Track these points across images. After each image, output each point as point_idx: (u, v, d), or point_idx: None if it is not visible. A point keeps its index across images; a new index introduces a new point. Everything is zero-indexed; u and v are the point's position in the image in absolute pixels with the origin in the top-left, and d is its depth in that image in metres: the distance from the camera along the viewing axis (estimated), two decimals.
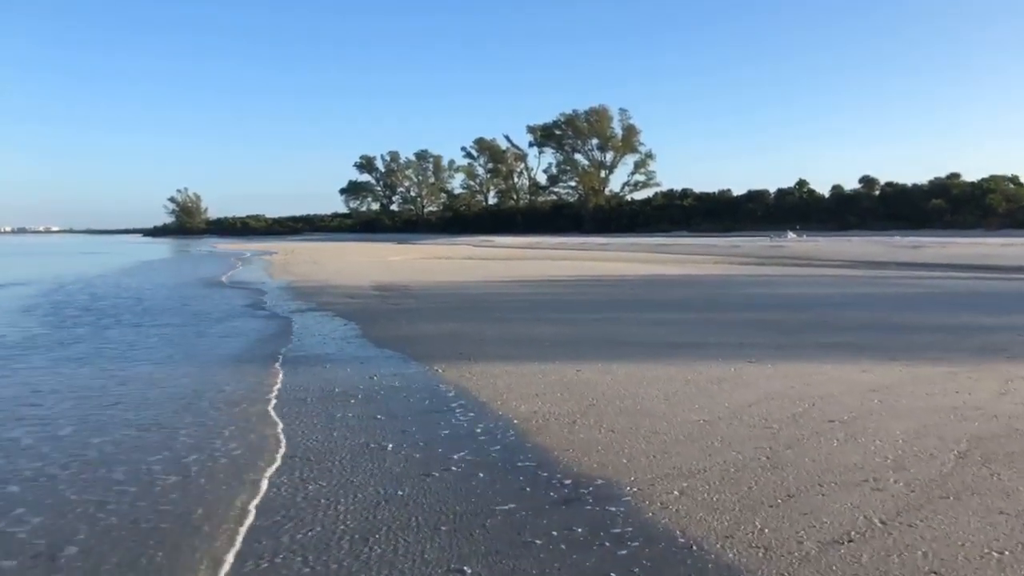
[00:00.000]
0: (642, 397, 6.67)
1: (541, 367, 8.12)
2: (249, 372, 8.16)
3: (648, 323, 11.78)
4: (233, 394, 7.07)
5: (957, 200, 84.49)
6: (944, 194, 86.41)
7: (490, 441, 5.39)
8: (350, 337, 10.70)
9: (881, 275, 23.22)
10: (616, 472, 4.66)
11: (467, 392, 6.99)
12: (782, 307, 13.94)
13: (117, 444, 5.44)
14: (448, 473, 4.70)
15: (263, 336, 10.91)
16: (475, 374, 7.82)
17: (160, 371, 8.28)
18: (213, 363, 8.81)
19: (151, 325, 12.26)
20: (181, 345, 10.23)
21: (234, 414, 6.30)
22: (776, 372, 7.69)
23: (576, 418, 5.97)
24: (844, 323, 11.53)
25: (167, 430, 5.80)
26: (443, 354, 9.08)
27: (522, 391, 6.97)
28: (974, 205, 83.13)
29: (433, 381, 7.55)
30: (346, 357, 9.07)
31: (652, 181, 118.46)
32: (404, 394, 6.97)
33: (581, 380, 7.43)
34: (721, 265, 30.11)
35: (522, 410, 6.26)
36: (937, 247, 40.76)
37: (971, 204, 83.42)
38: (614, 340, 10.02)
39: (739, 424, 5.73)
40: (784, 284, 19.92)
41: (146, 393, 7.15)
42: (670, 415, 6.03)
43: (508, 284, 20.45)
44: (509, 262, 33.79)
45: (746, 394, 6.72)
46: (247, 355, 9.32)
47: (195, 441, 5.50)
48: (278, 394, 7.03)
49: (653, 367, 8.03)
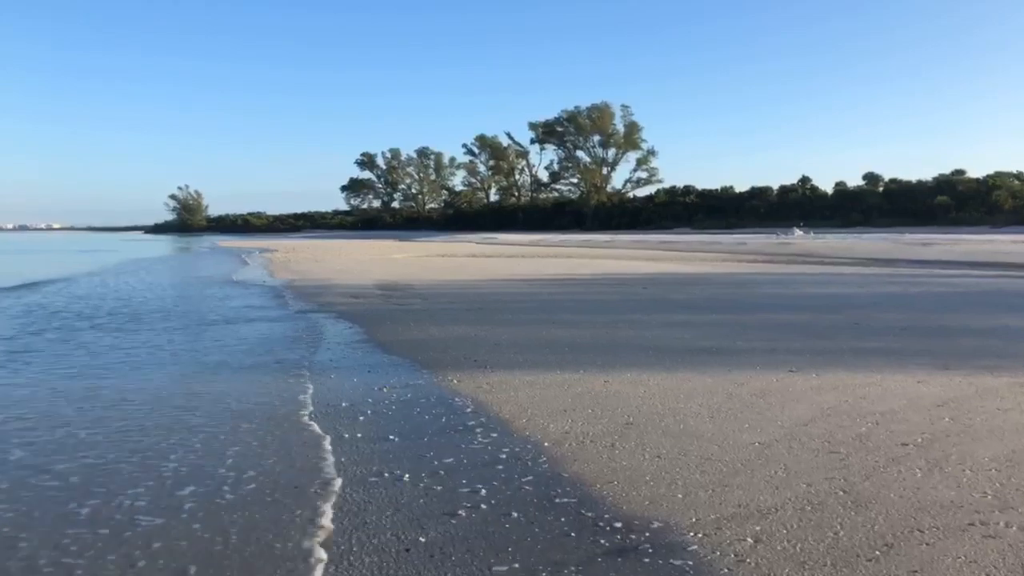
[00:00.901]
0: (683, 414, 6.00)
1: (565, 377, 7.45)
2: (243, 383, 7.48)
3: (670, 326, 11.11)
4: (221, 410, 6.39)
5: (963, 197, 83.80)
6: (950, 191, 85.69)
7: (520, 470, 4.72)
8: (355, 342, 10.03)
9: (898, 273, 22.54)
10: (673, 511, 3.99)
11: (486, 407, 6.32)
12: (807, 308, 13.26)
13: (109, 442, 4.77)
14: (476, 513, 4.03)
15: (262, 341, 10.23)
16: (493, 385, 7.15)
17: (140, 382, 7.61)
18: (202, 372, 8.13)
19: (132, 331, 11.58)
20: (167, 352, 9.55)
21: (222, 433, 5.63)
22: (823, 383, 7.02)
23: (614, 440, 5.29)
24: (878, 326, 10.85)
25: (151, 453, 5.13)
26: (456, 361, 8.41)
27: (548, 406, 6.30)
28: (979, 202, 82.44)
29: (447, 393, 6.88)
30: (352, 365, 8.39)
31: (654, 178, 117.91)
32: (417, 410, 6.30)
33: (611, 393, 6.76)
34: (730, 263, 29.42)
35: (551, 430, 5.58)
36: (948, 244, 40.12)
37: (976, 201, 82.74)
38: (638, 345, 9.35)
39: (800, 448, 5.06)
40: (802, 283, 19.23)
41: (122, 407, 6.48)
42: (720, 436, 5.35)
43: (517, 283, 19.77)
44: (514, 260, 33.10)
45: (798, 410, 6.05)
46: (241, 363, 8.64)
47: (188, 470, 4.83)
48: (272, 409, 6.37)
49: (687, 377, 7.36)
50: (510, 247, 51.43)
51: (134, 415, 6.19)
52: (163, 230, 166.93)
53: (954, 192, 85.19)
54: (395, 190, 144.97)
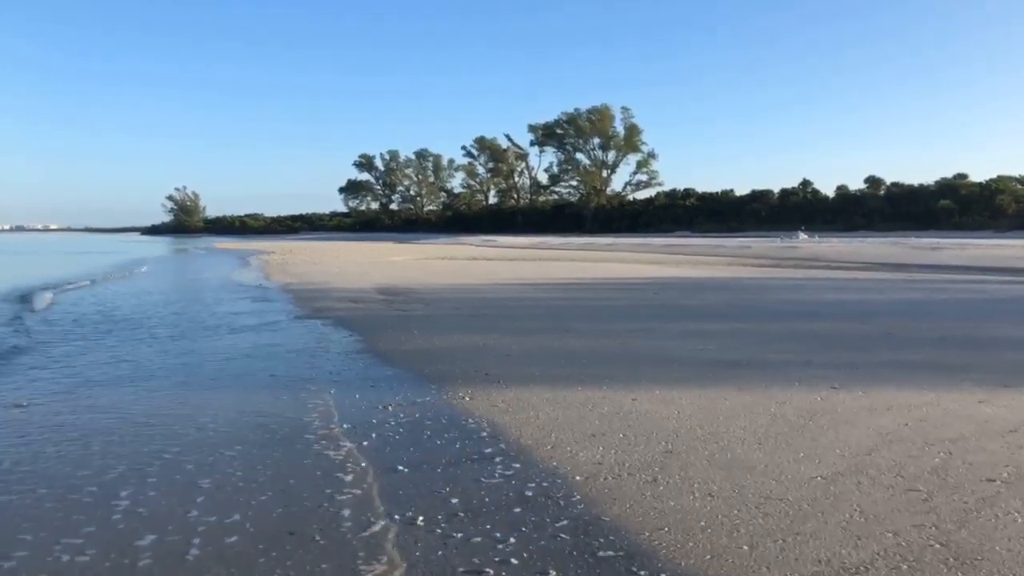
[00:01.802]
0: (727, 439, 5.33)
1: (587, 394, 6.79)
2: (231, 401, 6.81)
3: (690, 335, 10.44)
4: (200, 436, 5.72)
5: (966, 201, 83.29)
6: (952, 195, 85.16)
7: (552, 512, 4.05)
8: (356, 352, 9.35)
9: (914, 278, 21.90)
10: (742, 570, 3.32)
11: (504, 430, 5.64)
12: (830, 316, 12.62)
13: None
14: (506, 571, 3.36)
15: (254, 352, 9.56)
16: (509, 403, 6.48)
17: (120, 396, 6.93)
18: (188, 386, 7.45)
19: (105, 338, 10.91)
20: (143, 366, 8.87)
21: (201, 463, 4.95)
22: (874, 402, 6.36)
23: (655, 473, 4.62)
24: (912, 336, 10.20)
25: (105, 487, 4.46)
26: (465, 374, 7.74)
27: (574, 429, 5.63)
28: (983, 206, 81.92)
29: (459, 413, 6.21)
30: (352, 378, 7.72)
31: (654, 181, 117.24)
32: (427, 433, 5.62)
33: (642, 413, 6.09)
34: (737, 267, 28.79)
35: (582, 460, 4.92)
36: (956, 249, 39.48)
37: (980, 205, 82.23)
38: (661, 356, 8.68)
39: (870, 483, 4.40)
40: (818, 288, 18.59)
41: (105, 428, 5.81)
42: (775, 468, 4.69)
43: (522, 287, 19.10)
44: (517, 263, 32.44)
45: (855, 436, 5.39)
46: (231, 378, 7.97)
47: (148, 512, 4.16)
48: (267, 429, 5.69)
49: (723, 395, 6.70)
50: (511, 249, 50.80)
51: (105, 434, 5.52)
52: (160, 231, 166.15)
53: (957, 196, 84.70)
54: (393, 192, 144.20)
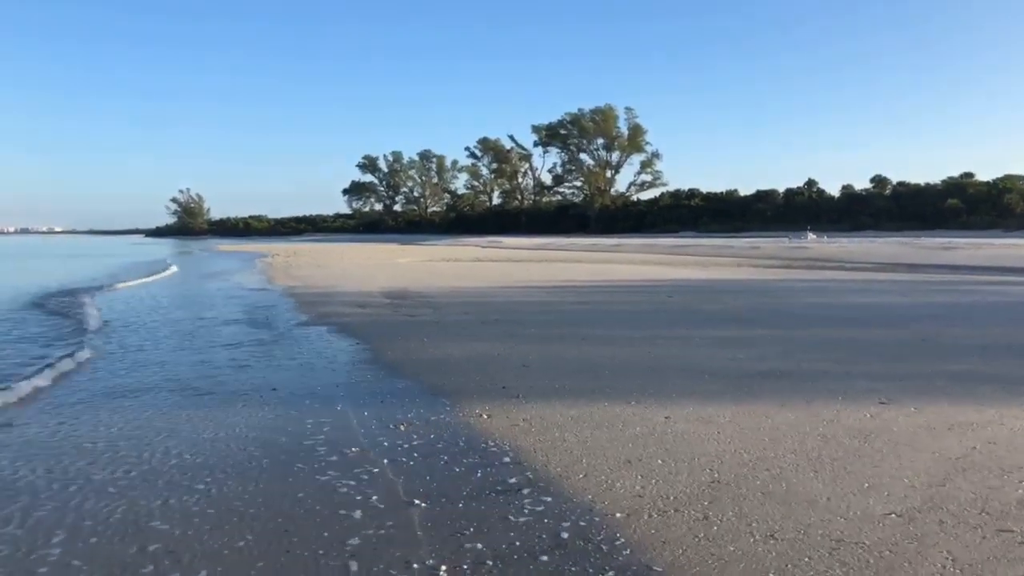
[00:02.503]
0: (778, 465, 4.79)
1: (615, 411, 6.24)
2: (224, 416, 6.28)
3: (715, 342, 9.89)
4: (184, 468, 5.19)
5: (973, 200, 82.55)
6: (960, 194, 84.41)
7: (595, 560, 3.50)
8: (362, 362, 8.82)
9: (935, 279, 21.32)
10: None
11: (529, 455, 5.10)
12: (859, 321, 12.05)
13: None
14: None
15: (255, 361, 9.03)
16: (531, 422, 5.94)
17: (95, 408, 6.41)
18: (177, 402, 6.93)
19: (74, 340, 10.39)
20: (127, 379, 8.35)
21: (186, 486, 4.43)
22: (931, 420, 5.81)
23: (706, 509, 4.08)
24: (955, 343, 9.65)
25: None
26: (480, 388, 7.20)
27: (605, 454, 5.09)
28: (990, 205, 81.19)
29: (478, 434, 5.66)
30: (359, 392, 7.18)
31: (659, 181, 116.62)
32: (444, 458, 5.08)
33: (677, 434, 5.55)
34: (749, 268, 28.23)
35: (620, 492, 4.37)
36: (970, 249, 38.87)
37: (987, 204, 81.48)
38: (688, 367, 8.13)
39: (955, 522, 3.85)
40: (838, 291, 18.02)
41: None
42: (839, 502, 4.14)
43: (533, 291, 18.55)
44: (524, 264, 31.90)
45: (920, 461, 4.84)
46: (227, 388, 7.44)
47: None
48: (265, 454, 5.16)
49: (763, 411, 6.15)
50: (516, 251, 50.30)
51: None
52: (164, 233, 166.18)
53: (964, 195, 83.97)
54: (397, 193, 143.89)
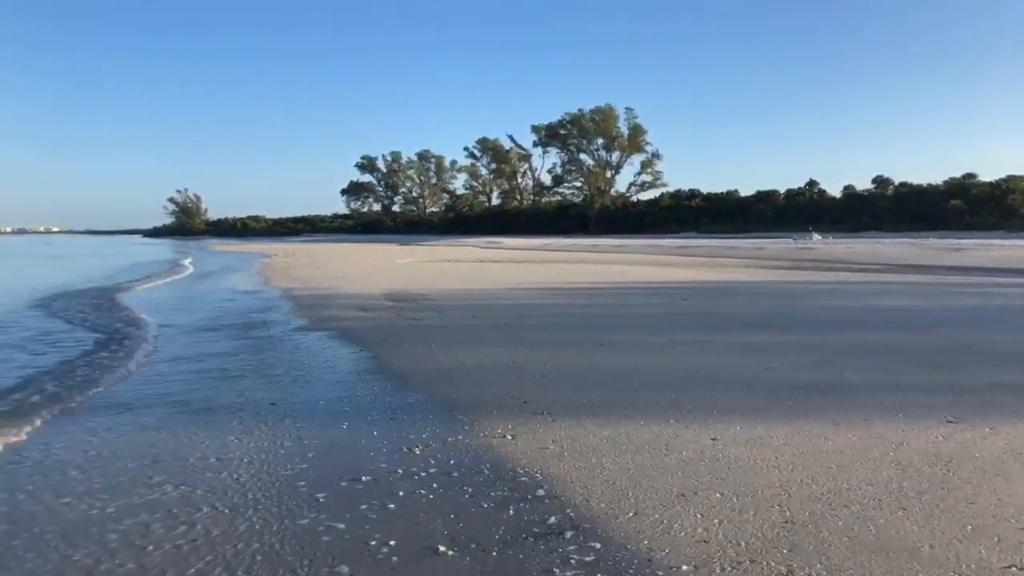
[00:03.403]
0: (856, 500, 4.13)
1: (653, 430, 5.58)
2: (215, 439, 5.61)
3: (744, 350, 9.23)
4: (173, 482, 4.52)
5: (976, 201, 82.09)
6: (962, 195, 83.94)
7: None
8: (367, 372, 8.15)
9: (952, 281, 20.68)
10: None
11: (566, 487, 4.44)
12: (891, 326, 11.40)
13: None
14: None
15: (248, 370, 8.36)
16: (562, 445, 5.27)
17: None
18: (161, 416, 6.26)
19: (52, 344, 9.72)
20: (108, 389, 7.68)
21: (167, 524, 3.76)
22: (1013, 442, 5.15)
23: (789, 561, 3.41)
24: (1004, 351, 8.98)
25: None
26: (500, 402, 6.54)
27: (654, 485, 4.42)
28: (994, 206, 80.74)
29: (504, 459, 5.00)
30: (366, 408, 6.51)
31: (659, 181, 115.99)
32: (468, 491, 4.41)
33: (731, 459, 4.89)
34: (757, 269, 27.58)
35: (680, 536, 3.71)
36: (979, 250, 38.27)
37: (991, 205, 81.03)
38: (721, 378, 7.47)
39: None
40: (856, 294, 17.37)
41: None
42: (944, 551, 3.48)
43: (540, 293, 17.88)
44: (527, 265, 31.24)
45: (1021, 494, 4.18)
46: (221, 404, 6.77)
47: None
48: (262, 484, 4.49)
49: (818, 431, 5.49)
50: (518, 251, 49.65)
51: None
52: (161, 233, 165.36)
53: (967, 196, 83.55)
54: (395, 193, 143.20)
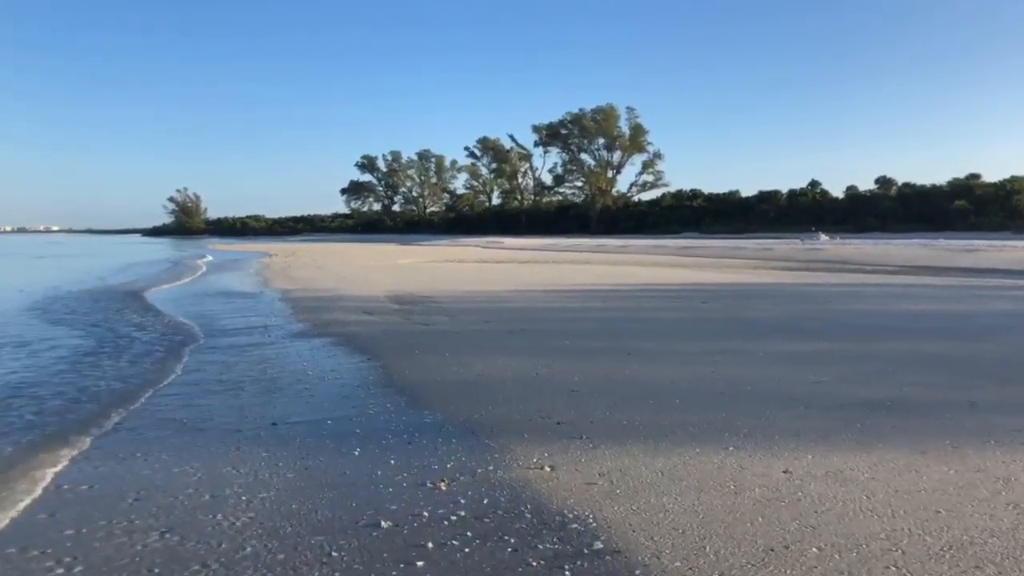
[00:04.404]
0: (985, 558, 3.38)
1: (713, 460, 4.83)
2: (213, 462, 4.86)
3: (785, 360, 8.48)
4: (160, 529, 3.77)
5: (981, 201, 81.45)
6: (967, 195, 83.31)
7: None
8: (377, 385, 7.40)
9: (975, 284, 19.95)
10: None
11: (628, 537, 3.67)
12: (936, 333, 10.65)
13: None
14: None
15: (249, 382, 7.61)
16: (611, 479, 4.52)
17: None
18: (158, 435, 5.51)
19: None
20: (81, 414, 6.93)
21: None
22: None
23: None
24: None
25: None
26: (529, 423, 5.80)
27: (732, 535, 3.66)
28: (999, 206, 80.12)
29: (545, 498, 4.24)
30: (379, 430, 5.75)
31: (660, 181, 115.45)
32: (511, 543, 3.64)
33: (814, 500, 4.13)
34: (766, 271, 26.85)
35: None
36: (992, 251, 37.56)
37: (995, 205, 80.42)
38: (771, 394, 6.71)
39: None
40: (882, 297, 16.63)
41: None
42: None
43: (551, 295, 17.12)
44: (532, 266, 30.49)
45: None
46: (218, 427, 6.03)
47: None
48: (264, 531, 3.75)
49: (904, 461, 4.74)
50: (520, 252, 48.91)
51: None
52: (161, 233, 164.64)
53: (971, 197, 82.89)
54: (395, 193, 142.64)
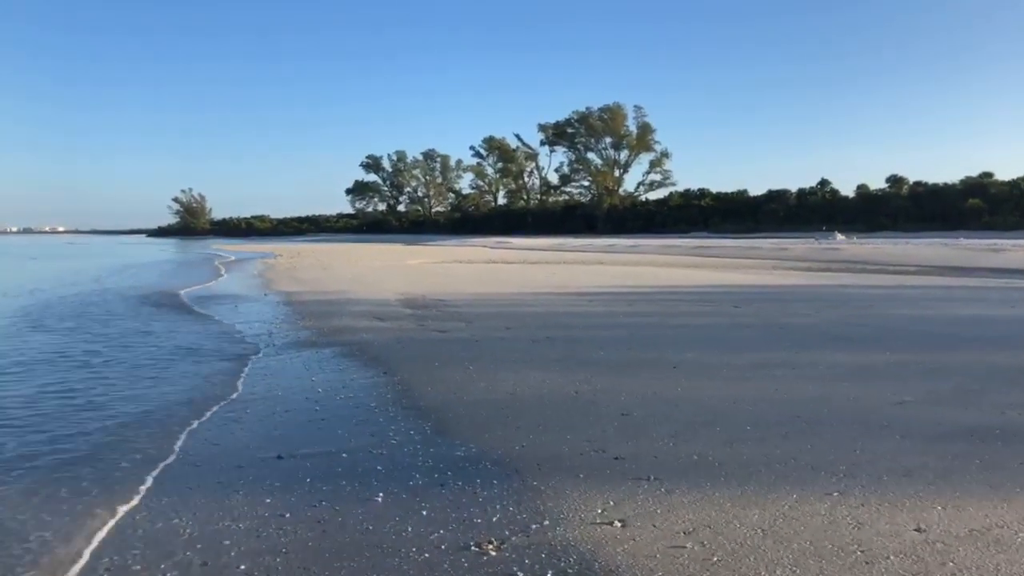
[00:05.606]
0: None
1: (816, 510, 3.89)
2: (209, 510, 3.94)
3: (856, 376, 7.51)
4: None
5: (995, 200, 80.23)
6: (981, 193, 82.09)
7: None
8: (396, 405, 6.46)
9: (1017, 285, 18.94)
10: None
11: None
12: (998, 343, 9.70)
13: None
14: None
15: (251, 403, 6.69)
16: (702, 538, 3.57)
17: None
18: (144, 472, 4.60)
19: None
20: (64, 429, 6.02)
21: None
22: None
23: None
24: None
25: None
26: (581, 459, 4.85)
27: None
28: (1013, 205, 78.86)
29: (622, 570, 3.31)
30: (405, 466, 4.81)
31: (668, 181, 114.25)
32: None
33: (973, 572, 3.20)
34: (787, 272, 25.86)
35: None
36: (1018, 250, 36.47)
37: (1010, 204, 79.12)
38: (857, 420, 5.73)
39: None
40: (926, 300, 15.66)
41: None
42: None
43: (571, 298, 16.16)
44: (544, 267, 29.53)
45: None
46: (217, 450, 5.10)
47: None
48: None
49: (1008, 510, 3.80)
50: (529, 252, 47.96)
51: None
52: (166, 233, 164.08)
53: (985, 195, 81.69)
54: (401, 193, 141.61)
